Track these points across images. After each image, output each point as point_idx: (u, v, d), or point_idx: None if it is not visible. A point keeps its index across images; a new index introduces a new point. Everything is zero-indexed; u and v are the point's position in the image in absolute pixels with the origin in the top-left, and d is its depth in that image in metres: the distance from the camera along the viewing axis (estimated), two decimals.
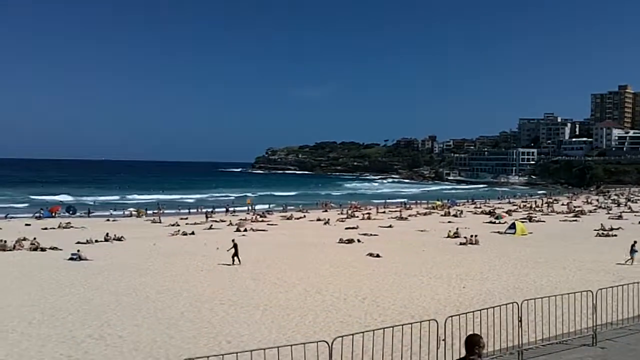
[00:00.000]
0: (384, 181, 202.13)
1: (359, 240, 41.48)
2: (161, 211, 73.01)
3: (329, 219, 60.87)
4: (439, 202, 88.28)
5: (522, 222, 53.99)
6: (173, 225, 55.19)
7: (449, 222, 58.79)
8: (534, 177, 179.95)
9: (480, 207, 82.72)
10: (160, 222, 59.78)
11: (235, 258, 31.18)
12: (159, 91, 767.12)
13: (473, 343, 6.75)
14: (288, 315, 19.37)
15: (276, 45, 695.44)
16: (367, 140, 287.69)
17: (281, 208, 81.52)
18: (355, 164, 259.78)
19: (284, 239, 43.65)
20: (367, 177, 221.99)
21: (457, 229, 46.79)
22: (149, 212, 73.05)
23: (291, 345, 12.27)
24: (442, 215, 70.11)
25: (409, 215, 68.44)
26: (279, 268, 29.64)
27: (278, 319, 18.89)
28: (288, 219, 65.74)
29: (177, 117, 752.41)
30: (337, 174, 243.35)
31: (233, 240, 32.84)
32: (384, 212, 74.04)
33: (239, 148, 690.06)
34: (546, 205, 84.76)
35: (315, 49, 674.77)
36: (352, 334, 12.46)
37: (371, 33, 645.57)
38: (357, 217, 66.79)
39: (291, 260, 32.61)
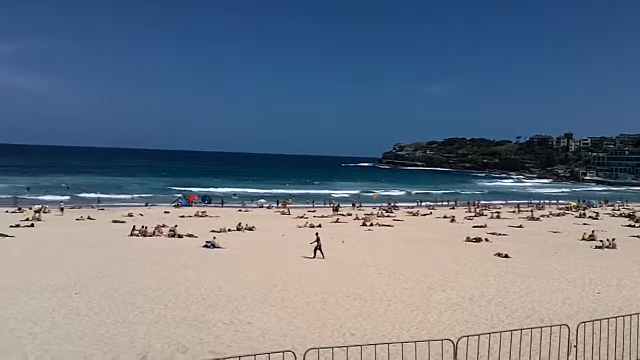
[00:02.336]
0: (516, 179, 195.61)
1: (486, 239, 40.45)
2: (290, 203, 74.86)
3: (454, 217, 59.79)
4: (573, 203, 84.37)
5: None
6: (301, 217, 56.40)
7: (584, 224, 55.97)
8: None
9: (618, 210, 78.15)
10: (289, 214, 61.31)
11: (318, 252, 31.51)
12: (286, 87, 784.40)
13: None
14: (412, 312, 19.27)
15: (407, 40, 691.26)
16: (498, 136, 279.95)
17: (407, 204, 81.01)
18: (485, 161, 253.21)
19: (410, 235, 43.37)
20: (498, 175, 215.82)
21: (592, 231, 44.45)
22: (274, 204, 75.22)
23: (415, 342, 12.23)
24: (576, 216, 66.82)
25: (541, 216, 65.80)
26: (404, 264, 29.51)
27: (402, 315, 18.83)
28: (414, 215, 65.24)
29: (303, 111, 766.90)
30: (466, 170, 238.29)
31: (317, 234, 33.03)
32: (514, 212, 71.71)
33: (366, 143, 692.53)
34: None
35: (444, 43, 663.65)
36: (478, 335, 12.20)
37: (501, 24, 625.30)
38: (486, 215, 65.14)
39: (416, 256, 32.39)
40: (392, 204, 78.54)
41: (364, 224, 51.25)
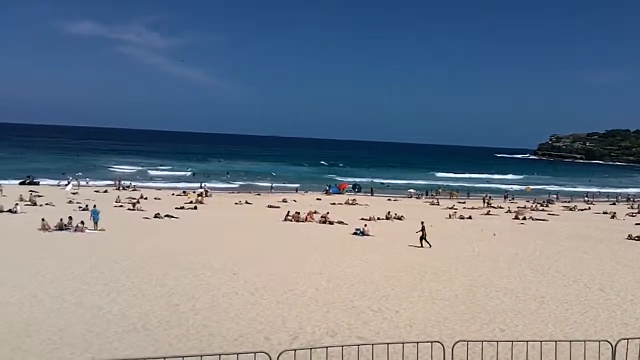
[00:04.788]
0: None
1: None
2: (438, 194, 74.15)
3: (615, 213, 56.18)
4: None
5: None
6: (450, 208, 55.64)
7: None
8: None
9: None
10: (438, 205, 60.74)
11: (424, 241, 31.56)
12: (439, 77, 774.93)
13: None
14: (566, 311, 18.51)
15: (567, 26, 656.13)
16: None
17: (565, 198, 77.41)
18: None
19: (565, 231, 41.38)
20: None
21: None
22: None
23: (570, 342, 11.83)
24: None
25: None
26: (559, 260, 28.33)
27: (555, 313, 18.15)
28: (571, 209, 62.20)
29: (453, 101, 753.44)
30: (630, 164, 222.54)
31: (422, 223, 32.88)
32: None
33: (520, 134, 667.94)
34: None
35: (609, 29, 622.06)
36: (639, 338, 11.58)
37: None
38: None
39: (572, 252, 30.95)
40: (555, 198, 75.71)
41: (516, 218, 49.67)
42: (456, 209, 55.11)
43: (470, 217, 48.18)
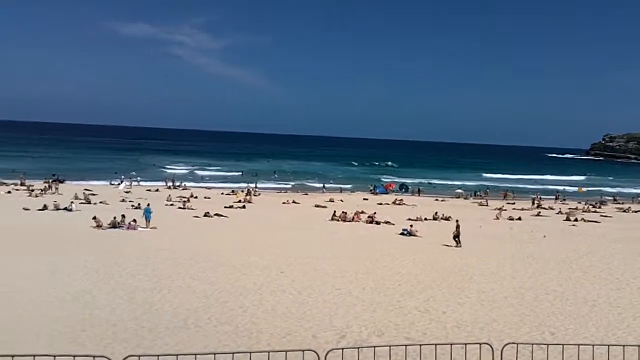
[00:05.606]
0: None
1: None
2: (487, 195, 73.12)
3: None
4: None
5: None
6: (499, 209, 54.84)
7: None
8: None
9: None
10: (486, 205, 59.97)
11: (457, 240, 31.65)
12: (485, 78, 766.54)
13: None
14: (619, 315, 18.11)
15: (620, 24, 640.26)
16: None
17: (625, 200, 75.38)
18: None
19: (617, 233, 40.23)
20: None
21: None
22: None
23: (623, 346, 11.60)
24: None
25: None
26: (610, 263, 27.67)
27: (607, 317, 17.79)
28: (624, 211, 60.58)
29: (505, 100, 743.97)
30: None
31: (457, 221, 32.96)
32: None
33: (571, 133, 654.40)
34: None
35: None
36: None
37: None
38: None
39: (624, 255, 30.14)
40: (613, 199, 74.05)
41: (567, 219, 48.69)
42: (505, 209, 54.31)
43: (519, 218, 47.45)
